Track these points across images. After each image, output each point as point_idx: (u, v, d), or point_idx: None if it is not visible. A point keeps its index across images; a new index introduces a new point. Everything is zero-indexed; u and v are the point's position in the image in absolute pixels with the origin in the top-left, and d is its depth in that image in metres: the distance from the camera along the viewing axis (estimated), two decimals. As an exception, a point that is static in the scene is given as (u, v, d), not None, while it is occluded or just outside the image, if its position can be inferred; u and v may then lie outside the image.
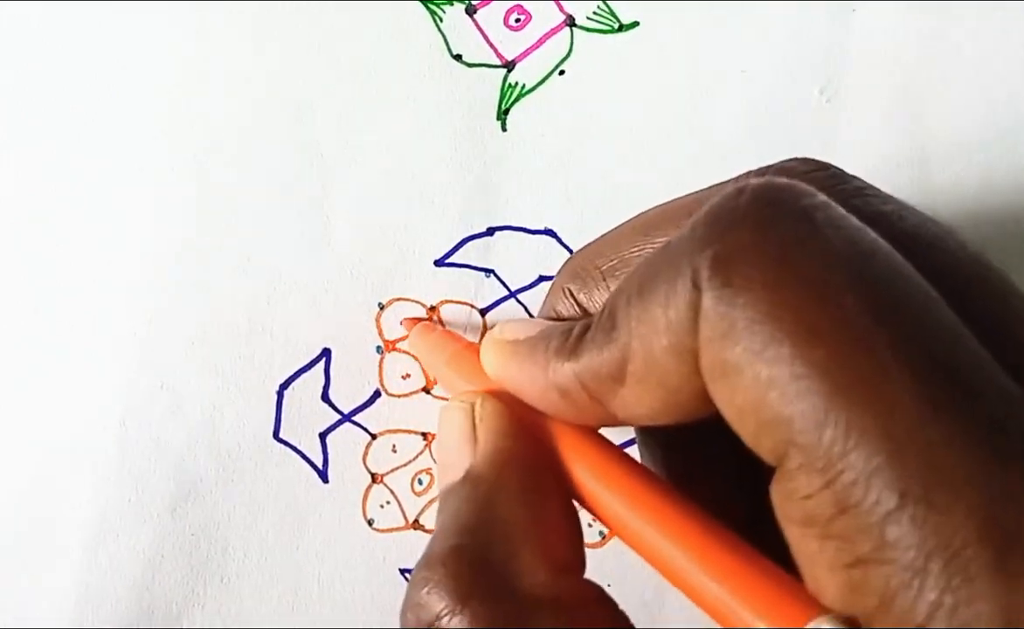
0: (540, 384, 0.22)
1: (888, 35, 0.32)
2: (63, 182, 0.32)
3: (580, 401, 0.22)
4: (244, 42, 0.32)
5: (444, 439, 0.24)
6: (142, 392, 0.32)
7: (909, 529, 0.16)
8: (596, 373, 0.21)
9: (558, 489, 0.22)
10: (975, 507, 0.16)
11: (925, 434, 0.16)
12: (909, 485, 0.16)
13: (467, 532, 0.21)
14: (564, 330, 0.22)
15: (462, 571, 0.21)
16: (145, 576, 0.32)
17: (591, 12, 0.33)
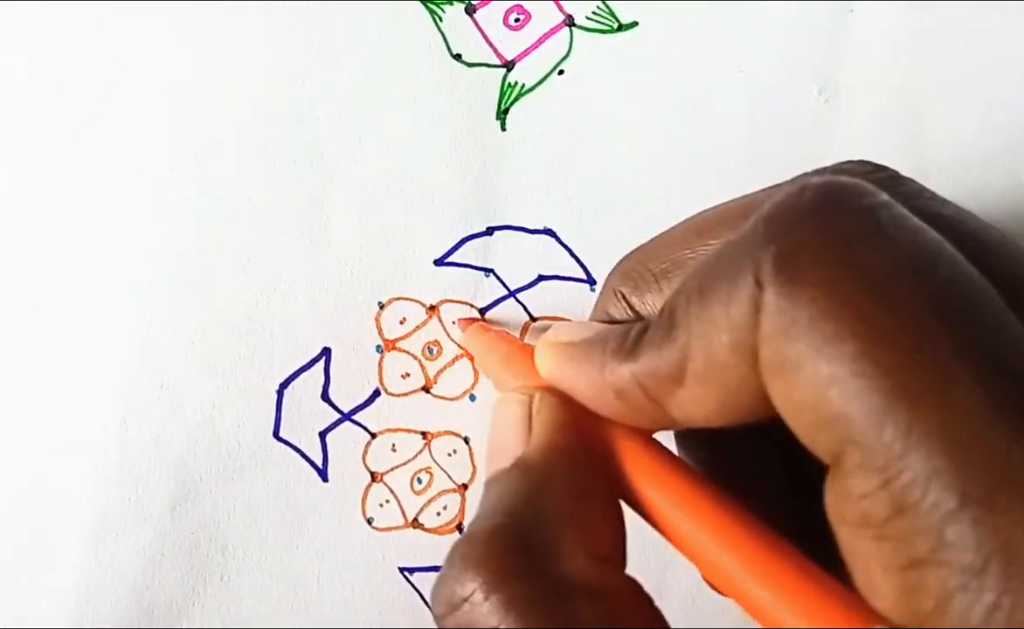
0: (597, 385, 0.22)
1: (886, 35, 0.33)
2: (63, 182, 0.32)
3: (638, 402, 0.22)
4: (244, 42, 0.32)
5: (498, 427, 0.24)
6: (142, 391, 0.32)
7: (969, 530, 0.16)
8: (655, 373, 0.21)
9: (606, 489, 0.22)
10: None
11: (988, 436, 0.16)
12: (970, 486, 0.16)
13: (510, 514, 0.21)
14: (621, 331, 0.22)
15: (502, 549, 0.20)
16: (145, 575, 0.32)
17: (590, 12, 0.33)
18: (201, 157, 0.32)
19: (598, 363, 0.22)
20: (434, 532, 0.33)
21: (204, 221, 0.32)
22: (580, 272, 0.33)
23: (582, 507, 0.22)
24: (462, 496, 0.34)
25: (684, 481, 0.22)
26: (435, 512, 0.33)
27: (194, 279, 0.32)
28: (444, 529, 0.33)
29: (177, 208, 0.32)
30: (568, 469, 0.22)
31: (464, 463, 0.33)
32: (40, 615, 0.32)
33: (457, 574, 0.20)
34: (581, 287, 0.33)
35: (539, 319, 0.33)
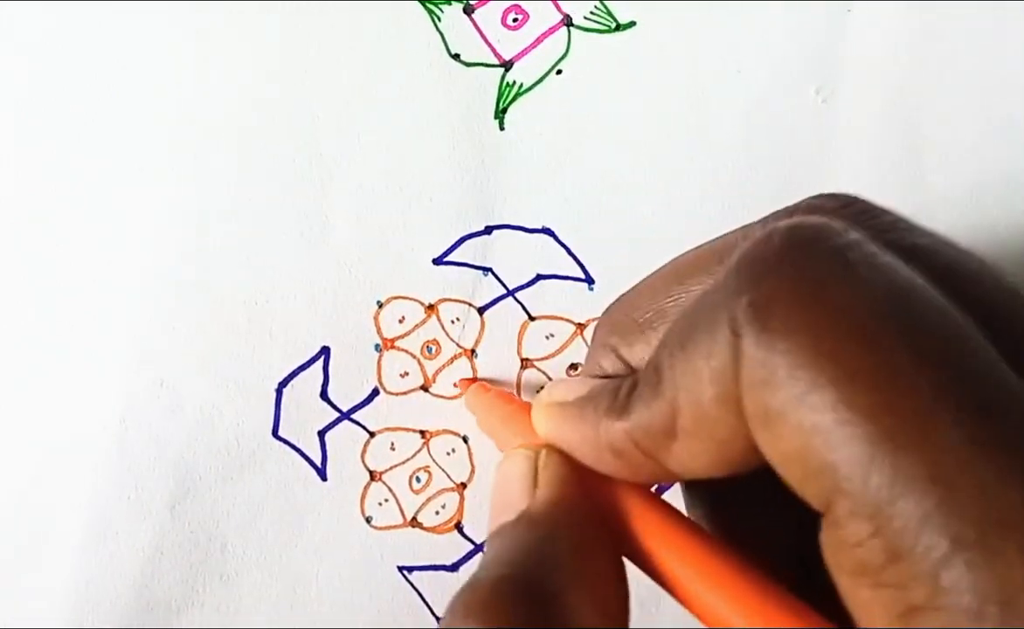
0: (593, 444, 0.22)
1: (884, 36, 0.33)
2: (63, 181, 0.32)
3: (634, 459, 0.21)
4: (243, 42, 0.32)
5: (503, 482, 0.24)
6: (142, 390, 0.32)
7: (964, 573, 0.16)
8: (647, 430, 0.21)
9: (610, 546, 0.22)
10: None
11: (974, 476, 0.16)
12: (962, 529, 0.16)
13: (515, 564, 0.21)
14: (612, 388, 0.22)
15: (505, 599, 0.20)
16: (144, 573, 0.32)
17: (588, 12, 0.33)
18: (200, 157, 0.32)
19: (592, 422, 0.22)
20: (433, 531, 0.34)
21: (203, 220, 0.32)
22: (578, 271, 0.33)
23: (587, 562, 0.21)
24: (461, 495, 0.34)
25: (686, 537, 0.21)
26: (434, 511, 0.34)
27: (193, 278, 0.32)
28: (443, 528, 0.34)
29: (176, 207, 0.32)
30: (574, 524, 0.22)
31: (463, 462, 0.33)
32: (39, 613, 0.32)
33: (459, 622, 0.20)
34: (579, 286, 0.33)
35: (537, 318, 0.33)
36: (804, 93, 0.33)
